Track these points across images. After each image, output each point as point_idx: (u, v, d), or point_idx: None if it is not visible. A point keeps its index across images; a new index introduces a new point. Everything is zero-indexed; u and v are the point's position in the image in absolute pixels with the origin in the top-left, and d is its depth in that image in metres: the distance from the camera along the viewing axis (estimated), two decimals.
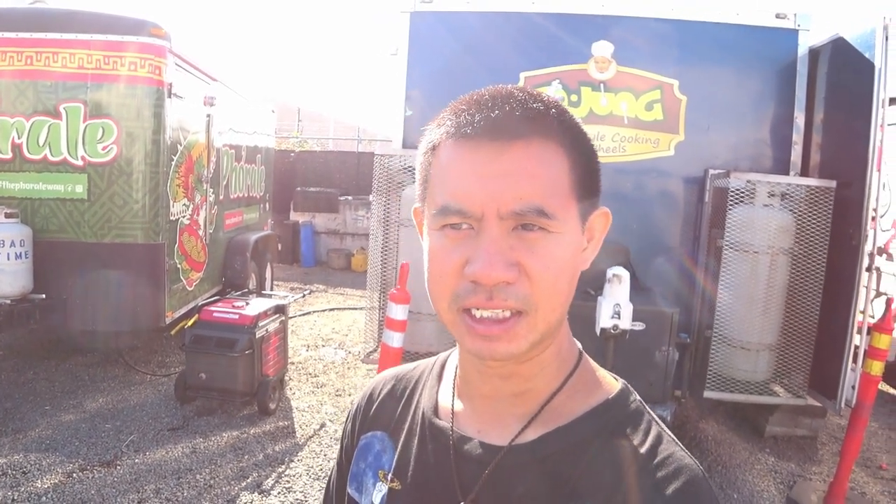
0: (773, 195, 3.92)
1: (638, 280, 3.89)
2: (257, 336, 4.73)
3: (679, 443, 0.71)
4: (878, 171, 3.79)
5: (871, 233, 3.75)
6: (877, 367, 3.73)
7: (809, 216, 3.91)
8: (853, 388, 3.74)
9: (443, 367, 0.85)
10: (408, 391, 0.86)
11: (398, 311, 3.58)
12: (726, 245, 3.92)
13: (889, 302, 3.74)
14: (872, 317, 3.99)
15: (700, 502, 0.65)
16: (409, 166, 4.17)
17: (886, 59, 3.71)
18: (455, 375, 0.80)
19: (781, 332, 4.05)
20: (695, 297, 4.20)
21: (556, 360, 0.74)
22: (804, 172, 4.29)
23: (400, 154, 4.19)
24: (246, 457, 4.13)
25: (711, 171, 4.12)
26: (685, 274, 4.28)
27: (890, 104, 5.95)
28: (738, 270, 3.93)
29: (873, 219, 3.76)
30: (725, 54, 4.17)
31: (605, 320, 2.88)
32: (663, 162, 4.25)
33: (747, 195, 3.96)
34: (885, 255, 6.02)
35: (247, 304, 5.04)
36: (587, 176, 0.69)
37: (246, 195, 7.56)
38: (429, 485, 0.75)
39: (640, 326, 3.51)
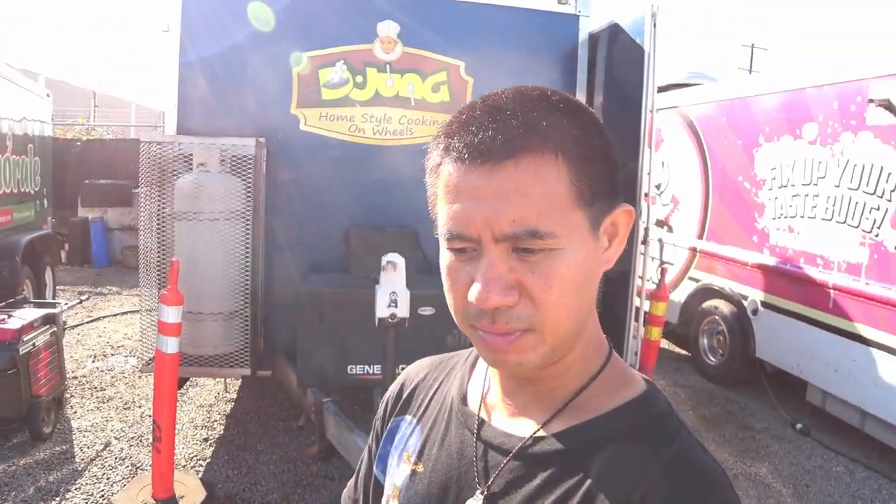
0: None
1: (430, 263, 3.83)
2: (22, 352, 4.03)
3: (705, 448, 0.70)
4: (651, 149, 4.04)
5: (644, 207, 3.99)
6: (655, 333, 4.00)
7: None
8: (636, 354, 3.99)
9: (477, 357, 0.85)
10: (440, 379, 0.88)
11: (170, 314, 3.20)
12: None
13: (663, 272, 4.02)
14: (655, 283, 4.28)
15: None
16: (185, 153, 3.77)
17: (655, 44, 3.93)
18: (487, 367, 0.80)
19: None
20: None
21: (580, 359, 0.73)
22: None
23: (172, 141, 3.77)
24: (13, 493, 3.52)
25: None
26: None
27: (665, 90, 6.56)
28: None
29: (646, 195, 4.00)
30: (510, 37, 4.21)
31: (381, 310, 2.74)
32: None
33: None
34: (665, 227, 6.57)
35: (8, 316, 4.32)
36: (597, 179, 0.65)
37: (15, 191, 6.55)
38: (450, 470, 0.76)
39: (429, 311, 3.39)
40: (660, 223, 6.78)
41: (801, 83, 4.82)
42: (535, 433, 0.71)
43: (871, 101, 4.07)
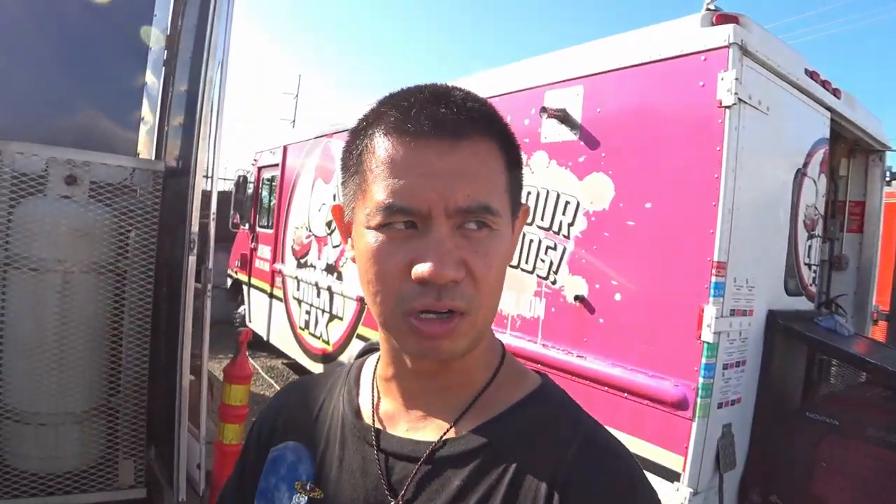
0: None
1: None
2: None
3: (607, 430, 0.72)
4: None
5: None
6: (230, 433, 2.47)
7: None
8: (198, 467, 2.36)
9: (359, 372, 0.83)
10: (321, 399, 0.83)
11: None
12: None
13: (243, 336, 2.56)
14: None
15: (639, 479, 0.67)
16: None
17: None
18: (373, 379, 0.79)
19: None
20: None
21: (484, 354, 0.74)
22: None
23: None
24: None
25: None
26: None
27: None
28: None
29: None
30: None
31: None
32: None
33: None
34: (335, 274, 5.27)
35: None
36: (517, 174, 0.71)
37: None
38: (356, 489, 0.72)
39: None
40: (331, 269, 5.44)
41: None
42: (444, 434, 0.70)
43: (544, 110, 3.17)
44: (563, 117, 3.18)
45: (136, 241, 2.50)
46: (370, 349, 0.84)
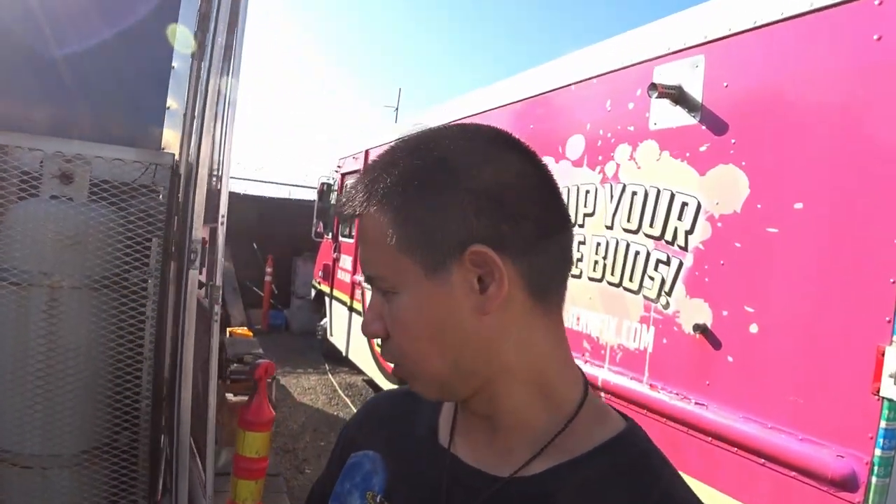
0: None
1: None
2: None
3: (689, 486, 0.69)
4: None
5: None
6: (245, 491, 2.00)
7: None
8: None
9: None
10: (406, 413, 0.83)
11: None
12: None
13: (261, 373, 2.08)
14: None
15: None
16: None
17: None
18: (457, 402, 0.77)
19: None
20: None
21: (538, 394, 0.69)
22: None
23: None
24: None
25: None
26: None
27: None
28: None
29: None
30: None
31: None
32: None
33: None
34: None
35: None
36: (412, 227, 0.65)
37: None
38: None
39: None
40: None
41: (567, 79, 3.26)
42: (514, 473, 0.68)
43: (653, 87, 2.51)
44: (678, 96, 2.50)
45: (157, 251, 2.13)
46: None
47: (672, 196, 2.49)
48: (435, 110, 5.01)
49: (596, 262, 2.90)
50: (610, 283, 2.79)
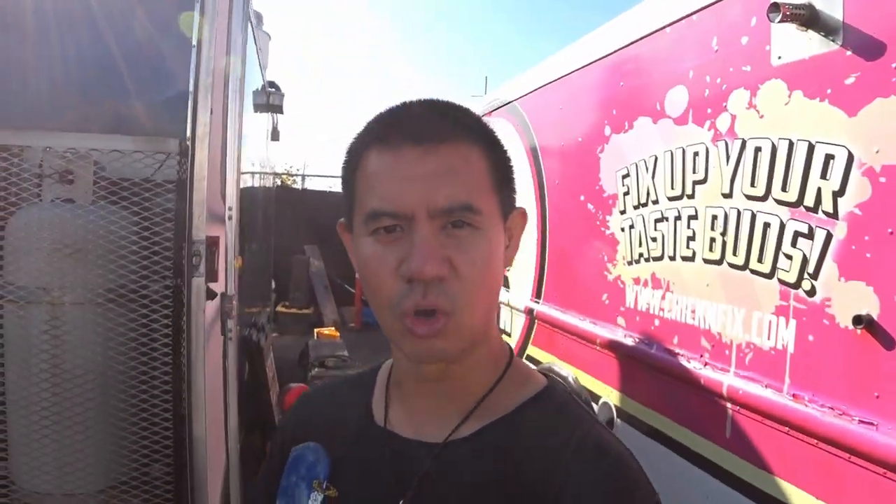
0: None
1: None
2: None
3: (608, 429, 0.76)
4: None
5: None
6: None
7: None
8: None
9: (375, 374, 0.88)
10: (338, 403, 0.88)
11: None
12: None
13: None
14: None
15: (634, 481, 0.69)
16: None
17: None
18: (388, 382, 0.83)
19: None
20: None
21: (488, 358, 0.77)
22: None
23: None
24: None
25: None
26: None
27: None
28: None
29: None
30: None
31: None
32: None
33: None
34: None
35: None
36: (504, 177, 0.74)
37: None
38: (367, 488, 0.77)
39: None
40: None
41: (659, 21, 2.70)
42: (448, 437, 0.73)
43: (774, 8, 1.92)
44: (809, 17, 1.90)
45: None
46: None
47: (811, 148, 1.90)
48: (507, 86, 4.52)
49: (713, 240, 2.33)
50: (732, 266, 2.22)
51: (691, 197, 2.45)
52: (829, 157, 1.84)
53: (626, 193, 2.90)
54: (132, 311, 1.85)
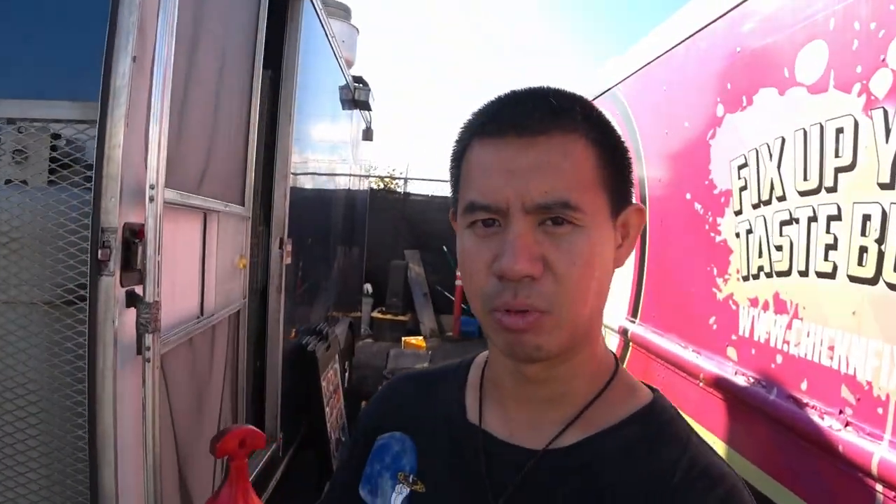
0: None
1: None
2: None
3: (716, 452, 0.71)
4: None
5: None
6: None
7: None
8: None
9: (468, 369, 0.84)
10: (430, 393, 0.85)
11: None
12: None
13: (237, 464, 1.27)
14: None
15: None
16: None
17: None
18: (482, 377, 0.80)
19: None
20: None
21: (591, 365, 0.73)
22: None
23: None
24: None
25: None
26: None
27: None
28: None
29: None
30: None
31: None
32: None
33: None
34: None
35: None
36: (616, 170, 0.70)
37: None
38: (457, 488, 0.74)
39: None
40: None
41: None
42: (548, 445, 0.70)
43: None
44: None
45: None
46: None
47: None
48: (605, 71, 3.93)
49: (863, 251, 1.65)
50: (892, 287, 1.55)
51: (832, 190, 1.78)
52: None
53: (743, 188, 2.25)
54: (62, 318, 1.51)
